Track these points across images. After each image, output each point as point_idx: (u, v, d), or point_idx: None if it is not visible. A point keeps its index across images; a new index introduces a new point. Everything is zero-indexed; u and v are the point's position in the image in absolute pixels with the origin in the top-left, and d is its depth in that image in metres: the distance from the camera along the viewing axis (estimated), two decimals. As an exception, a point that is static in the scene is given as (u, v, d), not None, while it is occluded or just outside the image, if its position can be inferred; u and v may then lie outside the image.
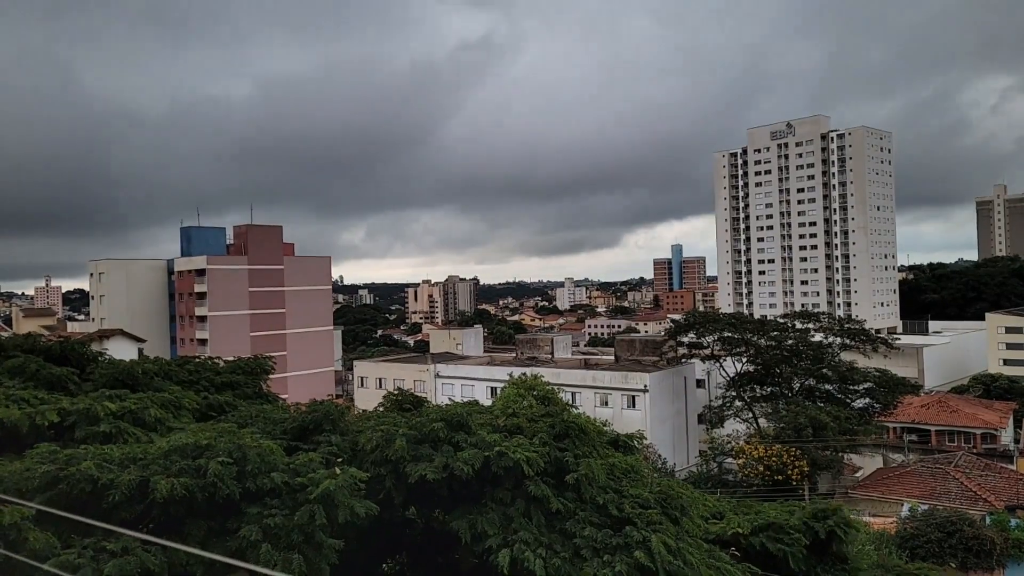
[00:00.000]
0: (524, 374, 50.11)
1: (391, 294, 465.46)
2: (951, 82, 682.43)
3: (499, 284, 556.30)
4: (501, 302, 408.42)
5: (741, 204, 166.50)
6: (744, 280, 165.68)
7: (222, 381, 20.21)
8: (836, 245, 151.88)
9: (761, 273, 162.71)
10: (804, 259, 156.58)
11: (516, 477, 11.56)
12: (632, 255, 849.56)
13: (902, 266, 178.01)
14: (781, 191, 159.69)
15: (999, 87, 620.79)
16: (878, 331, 77.44)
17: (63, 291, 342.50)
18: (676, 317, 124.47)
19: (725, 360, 59.23)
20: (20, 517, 8.35)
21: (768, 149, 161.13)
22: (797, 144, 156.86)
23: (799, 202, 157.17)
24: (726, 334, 59.04)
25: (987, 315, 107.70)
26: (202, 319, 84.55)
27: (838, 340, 58.05)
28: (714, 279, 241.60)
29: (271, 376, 22.59)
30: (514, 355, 75.31)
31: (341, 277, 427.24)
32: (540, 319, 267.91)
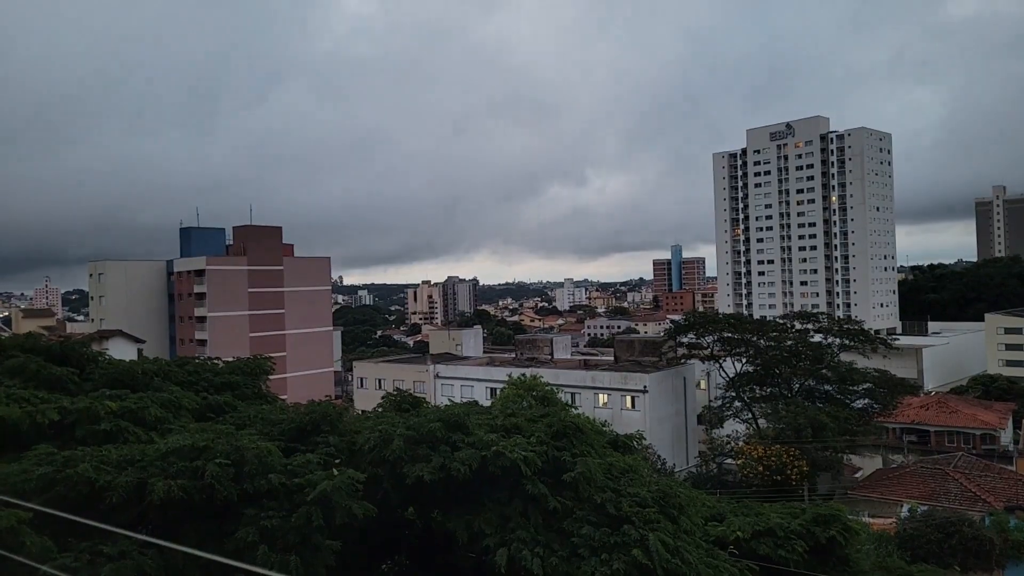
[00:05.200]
0: (523, 375, 50.09)
1: (391, 295, 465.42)
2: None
3: (498, 285, 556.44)
4: (500, 303, 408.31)
5: (740, 205, 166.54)
6: (743, 281, 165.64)
7: (221, 382, 20.19)
8: (835, 246, 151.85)
9: (760, 274, 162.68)
10: (804, 260, 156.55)
11: (513, 477, 11.55)
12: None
13: (901, 267, 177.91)
14: (780, 192, 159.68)
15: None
16: (877, 332, 77.33)
17: (62, 292, 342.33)
18: (675, 318, 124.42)
19: (724, 361, 59.19)
20: (16, 521, 8.29)
21: (767, 150, 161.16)
22: (796, 145, 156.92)
23: (798, 203, 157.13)
24: (725, 335, 58.97)
25: (986, 316, 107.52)
26: (201, 320, 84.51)
27: (837, 341, 57.99)
28: (713, 280, 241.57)
29: (270, 377, 22.57)
30: (514, 356, 75.22)
31: (340, 277, 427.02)
32: (539, 320, 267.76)
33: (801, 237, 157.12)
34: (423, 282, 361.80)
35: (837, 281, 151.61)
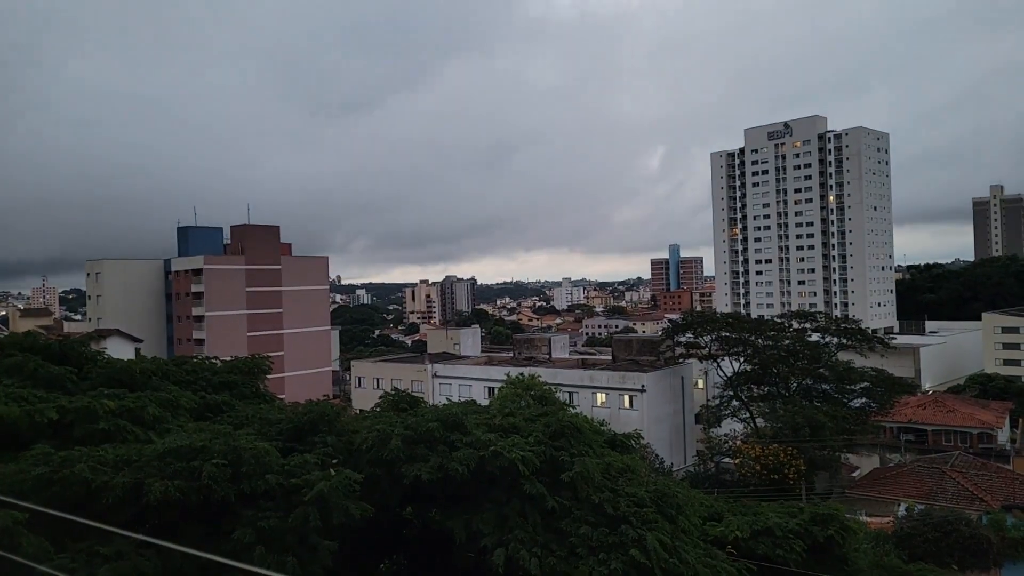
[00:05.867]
0: (521, 374, 50.06)
1: (389, 294, 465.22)
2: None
3: (497, 284, 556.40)
4: (499, 302, 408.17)
5: (738, 204, 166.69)
6: (741, 280, 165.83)
7: (219, 381, 20.17)
8: (833, 245, 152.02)
9: (758, 273, 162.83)
10: (801, 259, 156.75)
11: (511, 476, 11.55)
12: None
13: (899, 266, 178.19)
14: (778, 191, 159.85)
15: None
16: (875, 331, 77.45)
17: (59, 291, 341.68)
18: (673, 317, 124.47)
19: (722, 360, 59.25)
20: (12, 522, 8.27)
21: (765, 149, 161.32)
22: (794, 144, 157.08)
23: (796, 202, 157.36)
24: (723, 334, 59.05)
25: (983, 315, 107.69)
26: (199, 319, 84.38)
27: (835, 340, 58.08)
28: (711, 279, 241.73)
29: (268, 376, 22.55)
30: (512, 355, 75.20)
31: (339, 277, 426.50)
32: (538, 319, 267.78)
33: (799, 236, 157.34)
34: (421, 281, 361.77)
35: (835, 280, 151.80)
